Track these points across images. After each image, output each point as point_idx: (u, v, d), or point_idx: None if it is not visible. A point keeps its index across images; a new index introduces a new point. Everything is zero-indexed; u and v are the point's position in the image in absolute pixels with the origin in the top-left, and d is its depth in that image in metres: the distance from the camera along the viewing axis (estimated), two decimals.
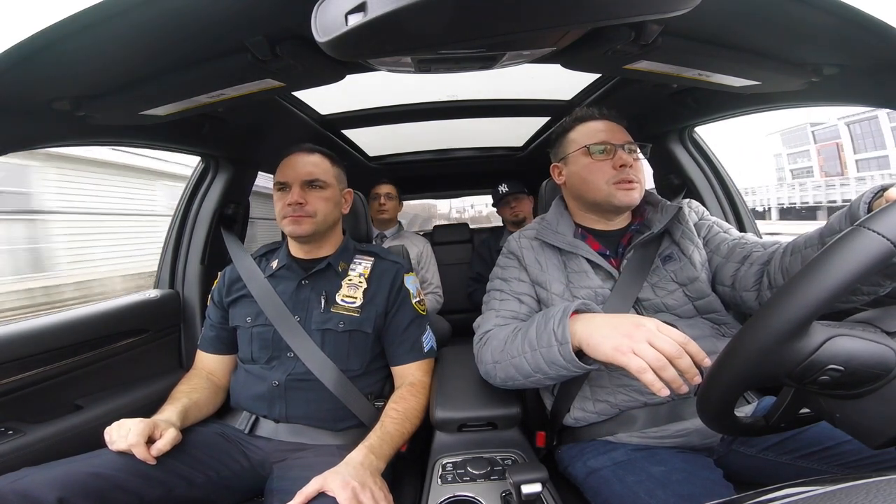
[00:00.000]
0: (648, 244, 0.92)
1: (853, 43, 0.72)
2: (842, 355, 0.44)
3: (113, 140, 1.08)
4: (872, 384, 0.45)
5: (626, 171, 0.90)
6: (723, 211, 1.48)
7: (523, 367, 0.77)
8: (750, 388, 0.50)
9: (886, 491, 0.28)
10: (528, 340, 0.77)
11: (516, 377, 0.81)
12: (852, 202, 0.65)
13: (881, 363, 0.44)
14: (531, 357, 0.75)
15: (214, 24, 0.65)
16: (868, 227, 0.41)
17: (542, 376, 0.76)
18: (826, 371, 0.44)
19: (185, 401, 0.94)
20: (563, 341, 0.71)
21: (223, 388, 1.08)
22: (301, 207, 1.01)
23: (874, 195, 0.62)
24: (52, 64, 0.66)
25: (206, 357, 1.11)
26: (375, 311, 1.03)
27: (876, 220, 0.41)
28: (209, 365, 1.10)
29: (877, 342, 0.44)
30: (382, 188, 2.20)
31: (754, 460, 0.83)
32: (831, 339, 0.44)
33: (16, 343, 0.94)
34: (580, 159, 0.94)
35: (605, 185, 0.91)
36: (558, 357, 0.71)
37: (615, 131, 0.94)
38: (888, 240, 0.40)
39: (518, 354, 0.78)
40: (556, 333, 0.72)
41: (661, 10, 0.53)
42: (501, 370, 0.83)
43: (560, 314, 0.73)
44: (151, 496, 0.76)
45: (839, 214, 0.69)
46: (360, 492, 0.70)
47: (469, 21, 0.53)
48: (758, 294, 0.82)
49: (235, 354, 1.10)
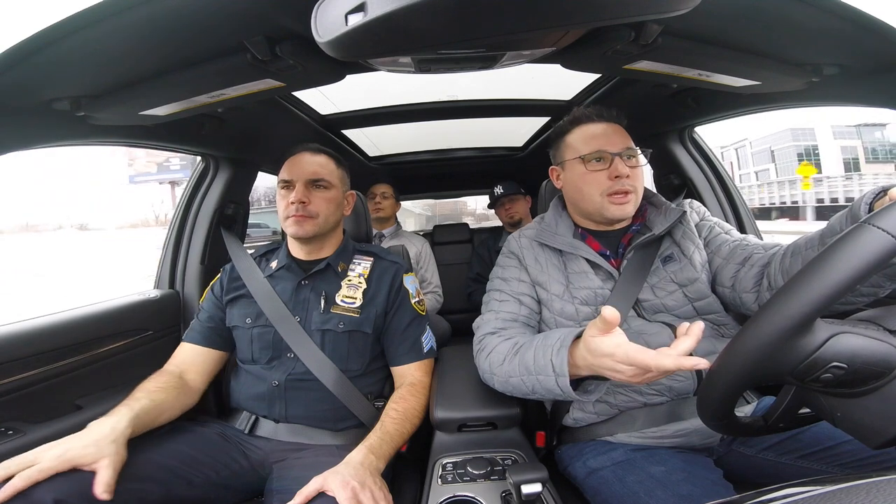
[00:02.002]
0: (649, 245, 0.92)
1: (853, 43, 0.72)
2: (845, 353, 0.44)
3: (113, 140, 1.08)
4: (875, 382, 0.45)
5: (622, 181, 0.88)
6: (723, 211, 1.48)
7: (520, 387, 0.77)
8: (751, 386, 0.50)
9: (886, 491, 0.28)
10: (525, 365, 0.75)
11: (511, 391, 0.81)
12: (853, 203, 0.65)
13: (884, 361, 0.44)
14: (528, 381, 0.75)
15: (214, 24, 0.65)
16: (873, 224, 0.41)
17: (536, 396, 0.77)
18: (829, 369, 0.44)
19: (145, 402, 0.85)
20: (560, 373, 0.69)
21: (196, 390, 1.01)
22: (304, 207, 1.01)
23: (875, 196, 0.62)
24: (52, 64, 0.66)
25: (189, 350, 1.05)
26: (375, 311, 1.03)
27: (881, 216, 0.41)
28: (189, 358, 1.04)
29: (880, 340, 0.44)
30: (378, 188, 2.21)
31: (754, 460, 0.83)
32: (835, 336, 0.44)
33: (16, 343, 0.94)
34: (575, 167, 0.93)
35: (598, 197, 0.90)
36: (555, 388, 0.70)
37: (613, 136, 0.91)
38: (893, 236, 0.40)
39: (516, 375, 0.78)
40: (553, 364, 0.70)
41: (661, 10, 0.53)
42: (499, 383, 0.84)
43: (558, 344, 0.70)
44: (151, 497, 0.76)
45: (840, 215, 0.68)
46: (359, 491, 0.70)
47: (469, 21, 0.52)
48: (757, 296, 0.82)
49: (223, 352, 1.07)
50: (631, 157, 0.91)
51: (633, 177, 0.89)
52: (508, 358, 0.81)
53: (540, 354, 0.73)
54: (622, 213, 0.90)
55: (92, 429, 0.74)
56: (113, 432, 0.74)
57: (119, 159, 27.50)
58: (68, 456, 0.69)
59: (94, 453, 0.70)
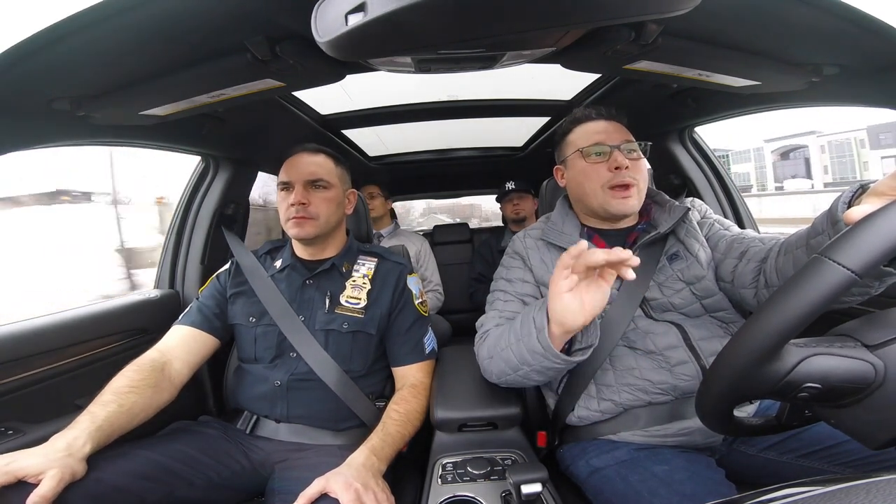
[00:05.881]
0: (654, 243, 0.92)
1: (853, 43, 0.72)
2: (817, 374, 0.45)
3: (113, 140, 1.08)
4: (854, 397, 0.45)
5: (623, 173, 0.88)
6: (723, 210, 1.49)
7: (511, 359, 0.78)
8: (741, 401, 0.51)
9: (886, 491, 0.28)
10: (513, 331, 0.78)
11: (507, 371, 0.81)
12: (833, 202, 0.65)
13: (859, 378, 0.44)
14: (516, 348, 0.76)
15: (214, 24, 0.65)
16: (827, 257, 0.42)
17: (528, 369, 0.76)
18: (804, 388, 0.45)
19: (112, 409, 0.79)
20: (540, 328, 0.71)
21: (176, 384, 0.93)
22: (304, 208, 1.01)
23: (853, 194, 0.62)
24: (52, 64, 0.66)
25: (183, 333, 1.00)
26: (379, 312, 1.03)
27: (834, 248, 0.42)
28: (182, 343, 0.98)
29: (853, 358, 0.45)
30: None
31: (756, 459, 0.83)
32: (805, 359, 0.45)
33: (16, 343, 0.94)
34: (577, 162, 0.94)
35: (600, 191, 0.90)
36: (537, 344, 0.72)
37: (612, 131, 0.92)
38: (846, 268, 0.40)
39: (506, 346, 0.79)
40: (535, 320, 0.72)
41: (661, 10, 0.53)
42: (495, 365, 0.84)
43: (541, 302, 0.74)
44: (152, 498, 0.76)
45: (822, 214, 0.68)
46: (362, 493, 0.70)
47: (469, 21, 0.53)
48: (756, 292, 0.82)
49: (216, 340, 1.04)
50: (631, 150, 0.91)
51: (633, 169, 0.90)
52: (502, 333, 0.83)
53: (525, 318, 0.75)
54: (625, 207, 0.90)
55: (48, 443, 0.70)
56: (68, 448, 0.69)
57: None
58: (12, 468, 0.64)
59: (40, 464, 0.65)
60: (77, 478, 0.68)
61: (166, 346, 0.98)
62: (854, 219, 0.45)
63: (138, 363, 0.90)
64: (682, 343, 0.84)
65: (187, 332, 1.01)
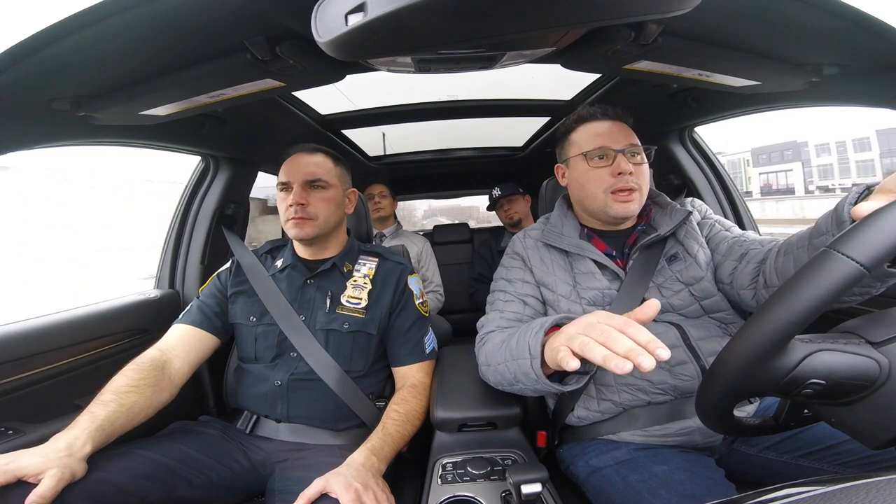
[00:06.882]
0: (654, 245, 0.92)
1: (853, 43, 0.72)
2: (822, 370, 0.44)
3: (113, 140, 1.08)
4: (858, 394, 0.45)
5: (626, 178, 0.88)
6: (723, 211, 1.48)
7: (506, 374, 0.77)
8: (741, 399, 0.51)
9: (886, 491, 0.28)
10: (509, 349, 0.76)
11: (503, 383, 0.81)
12: (838, 203, 0.64)
13: (863, 375, 0.44)
14: (511, 366, 0.75)
15: (214, 24, 0.65)
16: (836, 250, 0.41)
17: (522, 386, 0.76)
18: (808, 385, 0.45)
19: (113, 408, 0.78)
20: (534, 355, 0.68)
21: (177, 383, 0.93)
22: (303, 208, 1.00)
23: (859, 195, 0.61)
24: (52, 64, 0.66)
25: (183, 332, 1.00)
26: (380, 312, 1.03)
27: (843, 242, 0.41)
28: (182, 342, 0.98)
29: (858, 354, 0.44)
30: (376, 188, 2.24)
31: (756, 459, 0.83)
32: (811, 355, 0.45)
33: (16, 343, 0.94)
34: (579, 165, 0.93)
35: (601, 195, 0.90)
36: (529, 371, 0.69)
37: (617, 133, 0.91)
38: (855, 261, 0.40)
39: (502, 362, 0.78)
40: (530, 346, 0.70)
41: (661, 10, 0.53)
42: (492, 374, 0.83)
43: (538, 327, 0.70)
44: (152, 497, 0.76)
45: (826, 215, 0.67)
46: (362, 493, 0.70)
47: (469, 21, 0.52)
48: (755, 293, 0.82)
49: (216, 339, 1.04)
50: (635, 154, 0.90)
51: (636, 174, 0.89)
52: (499, 345, 0.82)
53: (522, 338, 0.73)
54: (626, 211, 0.90)
55: (48, 443, 0.70)
56: (68, 448, 0.69)
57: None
58: (11, 467, 0.64)
59: (40, 464, 0.65)
60: (77, 478, 0.68)
61: (166, 344, 0.98)
62: (862, 214, 0.46)
63: (138, 362, 0.90)
64: (682, 343, 0.84)
65: (187, 331, 1.01)
